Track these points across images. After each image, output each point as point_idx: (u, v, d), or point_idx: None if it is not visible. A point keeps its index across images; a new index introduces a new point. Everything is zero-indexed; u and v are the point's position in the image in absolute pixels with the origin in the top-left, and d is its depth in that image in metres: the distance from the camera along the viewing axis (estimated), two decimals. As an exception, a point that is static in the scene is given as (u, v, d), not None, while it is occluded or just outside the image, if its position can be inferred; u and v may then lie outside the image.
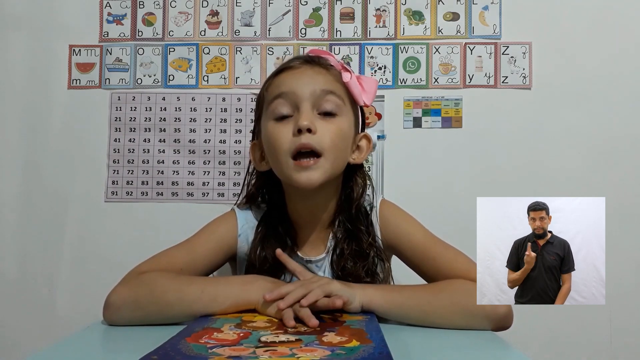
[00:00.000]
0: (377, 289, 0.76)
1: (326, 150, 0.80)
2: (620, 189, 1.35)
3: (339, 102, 0.83)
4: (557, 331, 1.34)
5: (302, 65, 0.85)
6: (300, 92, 0.81)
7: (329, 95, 0.82)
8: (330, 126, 0.81)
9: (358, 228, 0.86)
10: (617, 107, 1.37)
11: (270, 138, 0.82)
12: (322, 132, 0.80)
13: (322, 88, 0.81)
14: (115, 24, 1.43)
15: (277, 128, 0.81)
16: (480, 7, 1.39)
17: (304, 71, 0.84)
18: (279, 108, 0.82)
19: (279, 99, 0.82)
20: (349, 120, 0.85)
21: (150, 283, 0.74)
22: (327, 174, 0.81)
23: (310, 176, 0.79)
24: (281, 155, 0.81)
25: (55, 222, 1.42)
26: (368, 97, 0.86)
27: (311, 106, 0.81)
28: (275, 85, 0.84)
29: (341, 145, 0.83)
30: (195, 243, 0.86)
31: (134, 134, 1.42)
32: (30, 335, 1.39)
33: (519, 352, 0.63)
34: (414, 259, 0.86)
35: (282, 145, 0.80)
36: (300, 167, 0.79)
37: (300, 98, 0.81)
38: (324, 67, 0.85)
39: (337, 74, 0.85)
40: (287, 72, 0.85)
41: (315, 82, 0.82)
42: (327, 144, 0.80)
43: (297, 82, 0.82)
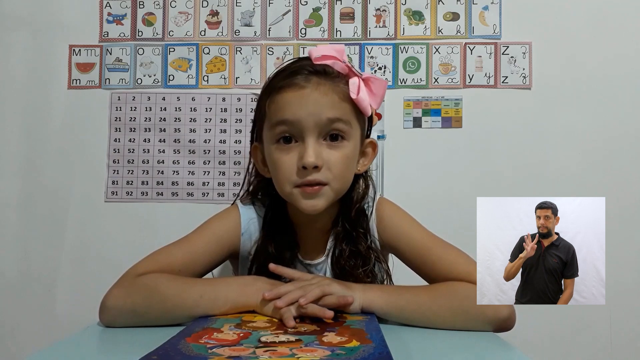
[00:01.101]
0: (377, 291, 0.75)
1: (332, 180, 0.79)
2: (620, 189, 1.35)
3: (346, 127, 0.79)
4: (557, 331, 1.33)
5: (308, 83, 0.78)
6: (306, 122, 0.77)
7: (336, 124, 0.78)
8: (336, 154, 0.79)
9: (357, 229, 0.86)
10: (617, 107, 1.37)
11: (274, 164, 0.81)
12: (328, 163, 0.78)
13: (328, 117, 0.77)
14: (115, 24, 1.43)
15: (282, 156, 0.79)
16: (480, 7, 1.39)
17: (309, 94, 0.78)
18: (283, 134, 0.79)
19: (283, 126, 0.78)
20: (356, 140, 0.83)
21: (148, 288, 0.73)
22: (332, 199, 0.81)
23: (315, 204, 0.79)
24: (285, 185, 0.80)
25: (55, 222, 1.42)
26: (376, 101, 0.82)
27: (317, 135, 0.78)
28: (278, 106, 0.79)
29: (347, 170, 0.82)
30: (195, 241, 0.84)
31: (134, 134, 1.42)
32: (30, 335, 1.39)
33: (520, 352, 0.63)
34: (414, 259, 0.85)
35: (287, 176, 0.79)
36: (304, 193, 0.78)
37: (305, 129, 0.77)
38: (330, 81, 0.79)
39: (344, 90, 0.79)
40: (291, 93, 0.78)
41: (321, 110, 0.77)
42: (333, 174, 0.79)
43: (302, 110, 0.77)
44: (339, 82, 0.79)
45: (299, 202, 0.79)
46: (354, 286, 0.75)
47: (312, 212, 0.80)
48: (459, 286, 0.76)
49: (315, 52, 0.81)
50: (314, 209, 0.79)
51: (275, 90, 0.80)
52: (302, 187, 0.78)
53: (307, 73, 0.79)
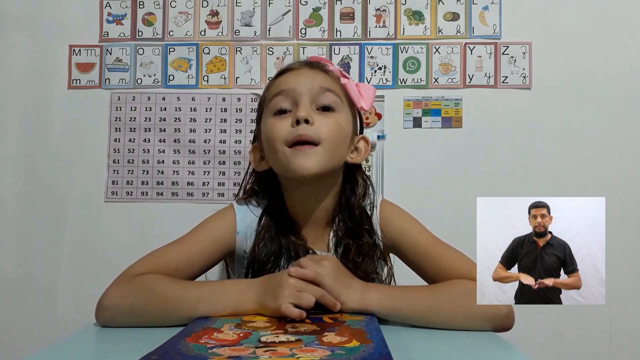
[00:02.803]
0: (376, 292, 0.75)
1: (323, 140, 0.82)
2: (620, 189, 1.35)
3: (337, 99, 0.86)
4: (557, 331, 1.34)
5: (302, 67, 0.89)
6: (300, 88, 0.84)
7: (327, 93, 0.85)
8: (328, 120, 0.83)
9: (360, 227, 0.86)
10: (617, 107, 1.37)
11: (268, 131, 0.84)
12: (320, 124, 0.82)
13: (320, 85, 0.85)
14: (115, 24, 1.43)
15: (276, 121, 0.84)
16: (480, 7, 1.39)
17: (303, 71, 0.87)
18: (278, 104, 0.84)
19: (279, 96, 0.85)
20: (347, 117, 0.87)
21: (145, 288, 0.73)
22: (323, 163, 0.81)
23: (306, 162, 0.80)
24: (278, 143, 0.82)
25: (55, 222, 1.42)
26: (366, 103, 0.89)
27: (310, 101, 0.83)
28: (275, 85, 0.87)
29: (339, 139, 0.85)
30: (191, 241, 0.84)
31: (134, 134, 1.42)
32: (30, 335, 1.39)
33: (520, 353, 0.63)
34: (415, 260, 0.85)
35: (280, 135, 0.82)
36: (296, 152, 0.81)
37: (299, 94, 0.83)
38: (322, 70, 0.89)
39: (335, 77, 0.89)
40: (287, 73, 0.88)
41: (314, 80, 0.85)
42: (324, 135, 0.82)
43: (296, 80, 0.85)
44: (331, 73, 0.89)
45: (290, 163, 0.81)
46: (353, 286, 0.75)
47: (303, 173, 0.80)
48: (458, 284, 0.76)
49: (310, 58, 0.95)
50: (306, 168, 0.80)
51: (273, 79, 0.90)
52: (294, 146, 0.81)
53: (302, 64, 0.90)
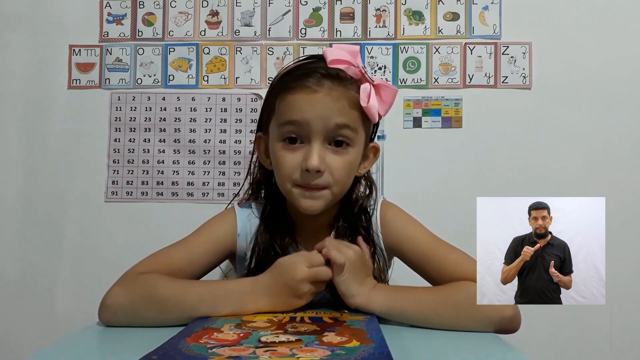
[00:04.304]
0: (383, 292, 0.75)
1: (333, 185, 0.81)
2: (620, 189, 1.35)
3: (352, 134, 0.81)
4: (557, 331, 1.33)
5: (320, 87, 0.79)
6: (314, 125, 0.78)
7: (343, 130, 0.80)
8: (339, 160, 0.80)
9: (360, 228, 0.86)
10: (617, 107, 1.37)
11: (277, 161, 0.82)
12: (331, 166, 0.79)
13: (336, 122, 0.78)
14: (115, 24, 1.43)
15: (286, 154, 0.80)
16: (480, 7, 1.39)
17: (320, 98, 0.78)
18: (290, 134, 0.80)
19: (291, 126, 0.79)
20: (360, 147, 0.84)
21: (147, 287, 0.74)
22: (330, 202, 0.82)
23: (314, 204, 0.81)
24: (286, 181, 0.81)
25: (55, 222, 1.42)
26: (384, 108, 0.84)
27: (323, 139, 0.79)
28: (288, 106, 0.80)
29: (349, 177, 0.84)
30: (193, 242, 0.85)
31: (134, 134, 1.42)
32: (30, 335, 1.39)
33: (520, 353, 0.63)
34: (418, 262, 0.85)
35: (289, 174, 0.80)
36: (305, 193, 0.80)
37: (312, 131, 0.78)
38: (342, 87, 0.80)
39: (355, 97, 0.80)
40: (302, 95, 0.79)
41: (330, 115, 0.78)
42: (334, 179, 0.80)
43: (311, 112, 0.78)
44: (350, 88, 0.80)
45: (298, 201, 0.81)
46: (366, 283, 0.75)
47: (310, 213, 0.82)
48: (463, 286, 0.75)
49: (330, 54, 0.81)
50: (313, 210, 0.81)
51: (287, 89, 0.80)
52: (303, 187, 0.80)
53: (320, 76, 0.79)
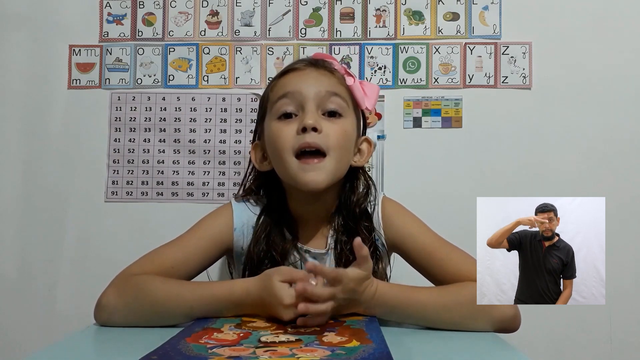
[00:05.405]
0: (385, 292, 0.74)
1: (331, 149, 0.80)
2: (620, 189, 1.35)
3: (343, 103, 0.84)
4: (557, 331, 1.33)
5: (307, 67, 0.86)
6: (306, 92, 0.82)
7: (334, 97, 0.83)
8: (335, 126, 0.82)
9: (360, 226, 0.86)
10: (617, 107, 1.37)
11: (274, 136, 0.82)
12: (327, 131, 0.80)
13: (327, 89, 0.83)
14: (115, 24, 1.43)
15: (282, 126, 0.82)
16: (480, 7, 1.39)
17: (308, 73, 0.85)
18: (284, 107, 0.82)
19: (284, 99, 0.83)
20: (352, 121, 0.86)
21: (139, 289, 0.74)
22: (331, 175, 0.81)
23: (316, 177, 0.80)
24: (285, 153, 0.81)
25: (55, 222, 1.41)
26: (370, 102, 0.87)
27: (316, 106, 0.82)
28: (280, 86, 0.85)
29: (345, 146, 0.84)
30: (188, 239, 0.85)
31: (134, 134, 1.42)
32: (30, 335, 1.39)
33: (520, 353, 0.63)
34: (420, 261, 0.85)
35: (286, 143, 0.80)
36: (305, 166, 0.79)
37: (305, 98, 0.81)
38: (328, 70, 0.87)
39: (340, 77, 0.86)
40: (292, 73, 0.86)
41: (320, 83, 0.83)
42: (332, 143, 0.80)
43: (302, 83, 0.83)
44: (336, 74, 0.87)
45: (300, 176, 0.80)
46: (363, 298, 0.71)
47: (313, 188, 0.80)
48: (465, 286, 0.75)
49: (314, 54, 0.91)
50: (315, 183, 0.80)
51: (276, 78, 0.88)
52: (303, 159, 0.80)
53: (307, 63, 0.87)
